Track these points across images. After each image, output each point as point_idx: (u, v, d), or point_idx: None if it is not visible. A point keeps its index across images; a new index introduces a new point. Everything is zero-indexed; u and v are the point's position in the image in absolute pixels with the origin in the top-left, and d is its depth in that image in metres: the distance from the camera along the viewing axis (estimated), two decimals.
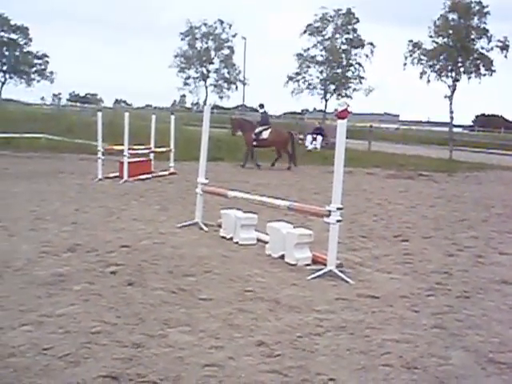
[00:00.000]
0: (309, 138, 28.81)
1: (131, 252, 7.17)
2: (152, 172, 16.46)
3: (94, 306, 5.11)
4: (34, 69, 68.72)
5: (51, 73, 69.07)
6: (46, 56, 68.85)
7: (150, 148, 17.17)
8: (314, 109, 77.29)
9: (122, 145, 15.11)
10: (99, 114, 15.53)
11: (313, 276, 6.42)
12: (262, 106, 21.35)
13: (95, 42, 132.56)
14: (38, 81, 68.36)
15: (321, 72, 54.52)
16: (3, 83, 66.68)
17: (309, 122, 40.17)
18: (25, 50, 67.95)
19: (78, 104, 60.75)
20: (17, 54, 67.18)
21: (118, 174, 15.20)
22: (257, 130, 20.41)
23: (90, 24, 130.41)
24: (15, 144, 23.19)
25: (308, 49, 54.45)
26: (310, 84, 55.05)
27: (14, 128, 24.22)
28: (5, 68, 66.99)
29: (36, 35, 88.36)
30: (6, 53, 66.68)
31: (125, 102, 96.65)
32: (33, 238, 7.75)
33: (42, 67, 69.14)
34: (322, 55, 54.39)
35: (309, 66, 54.76)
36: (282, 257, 7.16)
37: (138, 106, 76.73)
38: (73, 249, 7.17)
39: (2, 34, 66.82)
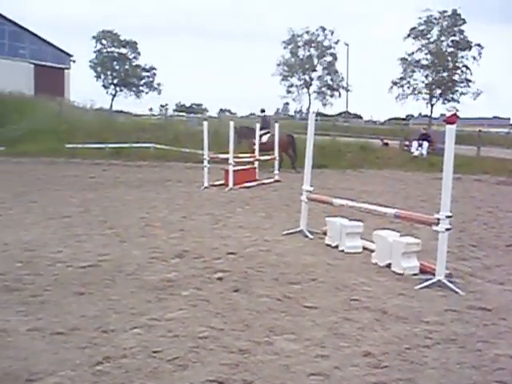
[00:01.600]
0: (415, 144, 28.09)
1: (237, 259, 7.27)
2: (257, 180, 16.65)
3: (201, 312, 5.22)
4: (143, 81, 71.61)
5: (158, 84, 71.84)
6: (154, 68, 71.61)
7: (254, 156, 17.39)
8: (419, 114, 75.71)
9: (227, 153, 15.39)
10: (205, 123, 15.91)
11: (421, 286, 6.25)
12: (262, 110, 22.17)
13: (200, 53, 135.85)
14: (147, 92, 71.31)
15: (426, 76, 53.48)
16: (114, 95, 69.87)
17: (414, 128, 39.27)
18: (134, 64, 70.92)
19: (185, 114, 62.40)
20: (126, 67, 70.27)
21: (223, 181, 15.50)
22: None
23: (194, 35, 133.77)
24: (125, 153, 24.19)
25: (412, 53, 53.63)
26: (414, 89, 54.14)
27: (125, 138, 25.32)
28: (116, 81, 70.18)
29: (144, 49, 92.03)
30: (117, 67, 69.88)
31: (229, 111, 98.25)
32: (143, 244, 8.03)
33: (150, 79, 71.95)
34: (426, 59, 53.37)
35: (413, 71, 53.84)
36: (389, 266, 7.03)
37: (242, 114, 77.88)
38: (181, 255, 7.36)
39: (113, 49, 70.13)
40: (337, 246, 8.08)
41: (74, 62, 55.74)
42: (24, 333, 4.64)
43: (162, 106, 75.85)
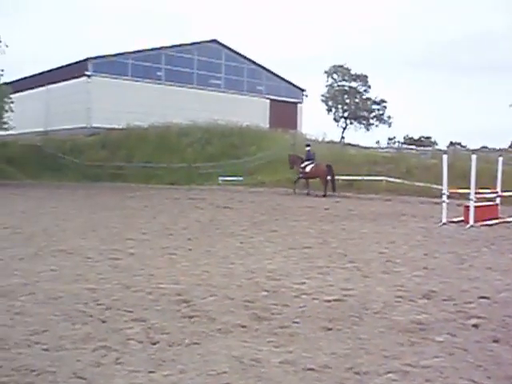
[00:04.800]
0: None
1: (491, 304, 6.63)
2: (499, 217, 15.52)
3: (459, 362, 4.75)
4: (373, 114, 72.04)
5: (389, 117, 71.77)
6: (384, 101, 71.72)
7: (496, 192, 16.27)
8: None
9: (464, 188, 14.58)
10: (444, 156, 15.23)
11: None
12: (308, 145, 26.44)
13: (429, 85, 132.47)
14: (377, 125, 71.63)
15: None
16: (344, 128, 71.17)
17: None
18: (364, 97, 71.75)
19: (414, 147, 61.41)
20: (357, 100, 71.36)
21: (462, 218, 14.66)
22: (302, 165, 25.03)
23: (424, 67, 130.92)
24: (357, 186, 24.29)
25: None
26: None
27: (356, 171, 25.42)
28: (346, 114, 71.52)
29: (374, 82, 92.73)
30: (347, 100, 71.25)
31: (459, 144, 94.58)
32: (386, 280, 7.72)
33: (380, 112, 72.13)
34: None
35: None
36: None
37: (474, 147, 74.41)
38: (428, 295, 6.92)
39: (344, 83, 71.70)
40: None
41: (306, 96, 57.71)
42: (276, 365, 4.59)
43: (389, 138, 75.49)
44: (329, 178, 24.23)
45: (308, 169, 24.73)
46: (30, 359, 4.64)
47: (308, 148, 26.00)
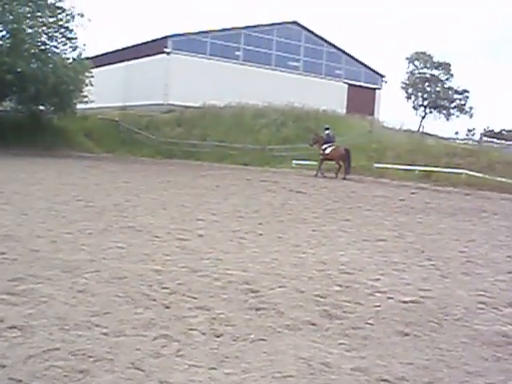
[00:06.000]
0: None
1: None
2: None
3: None
4: (454, 104, 69.81)
5: (470, 108, 69.37)
6: (466, 91, 69.42)
7: None
8: None
9: None
10: None
11: None
12: (327, 128, 26.52)
13: None
14: (457, 116, 69.38)
15: None
16: (423, 117, 69.29)
17: None
18: (445, 86, 69.59)
19: (495, 140, 59.05)
20: (438, 89, 69.29)
21: None
22: (323, 147, 25.56)
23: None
24: (435, 178, 23.42)
25: None
26: None
27: (434, 162, 24.56)
28: (426, 103, 69.60)
29: (457, 71, 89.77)
30: (428, 88, 69.27)
31: None
32: (467, 283, 7.18)
33: (462, 102, 69.77)
34: None
35: None
36: None
37: None
38: None
39: (425, 70, 69.75)
40: None
41: (385, 82, 56.27)
42: (348, 372, 4.23)
43: (469, 130, 73.10)
44: (341, 162, 24.88)
45: (328, 151, 25.40)
46: (88, 343, 4.47)
47: (327, 131, 26.30)
